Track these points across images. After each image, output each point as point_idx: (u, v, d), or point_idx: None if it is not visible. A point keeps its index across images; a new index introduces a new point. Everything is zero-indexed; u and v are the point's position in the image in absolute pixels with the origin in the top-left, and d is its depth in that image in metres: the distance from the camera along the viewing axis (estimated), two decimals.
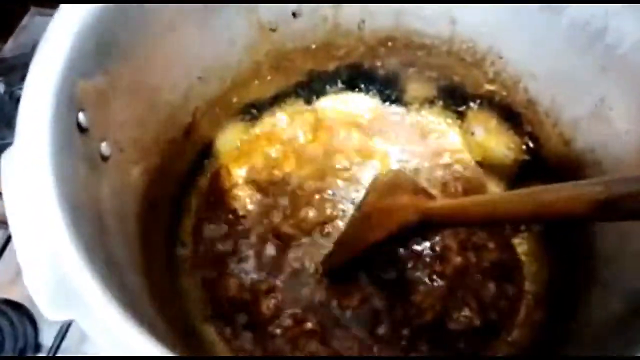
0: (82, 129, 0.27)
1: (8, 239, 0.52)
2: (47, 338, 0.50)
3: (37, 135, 0.24)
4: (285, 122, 0.52)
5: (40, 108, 0.24)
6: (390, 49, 0.47)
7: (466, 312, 0.40)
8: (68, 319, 0.20)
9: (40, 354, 0.49)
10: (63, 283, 0.21)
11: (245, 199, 0.46)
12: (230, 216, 0.46)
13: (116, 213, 0.31)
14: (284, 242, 0.44)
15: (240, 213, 0.46)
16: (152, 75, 0.35)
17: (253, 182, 0.48)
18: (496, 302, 0.41)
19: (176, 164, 0.43)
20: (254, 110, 0.50)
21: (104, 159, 0.30)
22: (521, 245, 0.44)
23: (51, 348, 0.46)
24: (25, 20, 0.61)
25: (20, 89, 0.24)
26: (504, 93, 0.44)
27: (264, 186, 0.47)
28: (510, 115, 0.45)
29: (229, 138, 0.49)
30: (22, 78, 0.24)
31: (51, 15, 0.27)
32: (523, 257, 0.43)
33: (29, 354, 0.49)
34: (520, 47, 0.40)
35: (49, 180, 0.23)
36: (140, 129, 0.35)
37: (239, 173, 0.48)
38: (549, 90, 0.40)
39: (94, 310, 0.20)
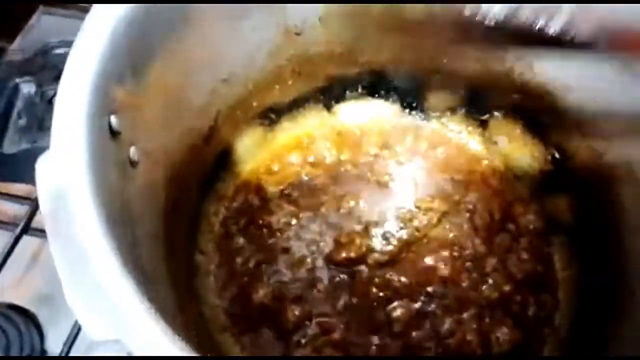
0: (113, 133, 0.26)
1: (14, 242, 0.51)
2: (52, 344, 0.49)
3: (73, 140, 0.22)
4: (305, 128, 0.51)
5: (75, 112, 0.23)
6: (415, 55, 0.46)
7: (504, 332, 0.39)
8: (113, 338, 0.19)
9: None
10: (104, 299, 0.19)
11: (277, 212, 0.46)
12: (263, 229, 0.45)
13: (143, 222, 0.30)
14: (328, 260, 0.44)
15: (274, 227, 0.45)
16: (179, 77, 0.34)
17: (283, 195, 0.47)
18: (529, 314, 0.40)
19: (197, 170, 0.41)
20: (272, 115, 0.49)
21: (133, 164, 0.29)
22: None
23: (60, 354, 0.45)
24: (33, 19, 0.60)
25: (52, 89, 0.23)
26: (532, 103, 0.43)
27: (295, 199, 0.46)
28: (536, 125, 0.45)
29: (248, 143, 0.48)
30: (55, 78, 0.23)
31: (60, 14, 0.26)
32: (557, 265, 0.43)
33: None
34: (551, 59, 0.39)
35: (85, 187, 0.22)
36: (165, 133, 0.34)
37: (266, 184, 0.47)
38: (580, 103, 0.39)
39: (137, 327, 0.19)
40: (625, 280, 0.34)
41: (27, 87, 0.27)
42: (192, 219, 0.42)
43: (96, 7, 0.26)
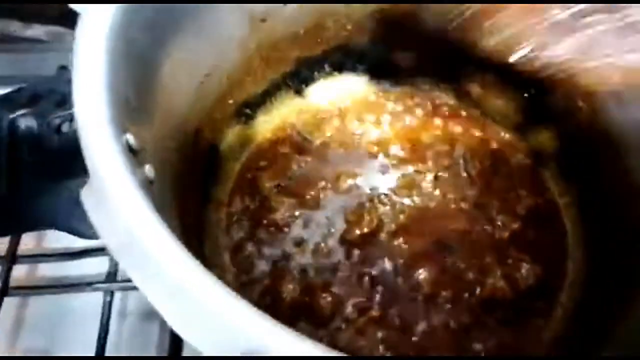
0: (133, 152, 0.24)
1: None
2: None
3: (110, 168, 0.20)
4: (283, 118, 0.49)
5: (100, 139, 0.21)
6: (378, 22, 0.46)
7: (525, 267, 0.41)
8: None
9: None
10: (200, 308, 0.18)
11: (279, 207, 0.44)
12: (270, 228, 0.44)
13: None
14: (343, 242, 0.43)
15: (280, 223, 0.43)
16: (167, 85, 0.32)
17: (279, 188, 0.45)
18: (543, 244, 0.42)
19: (193, 181, 0.39)
20: (247, 110, 0.47)
21: (151, 182, 0.27)
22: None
23: None
24: None
25: (57, 117, 0.20)
26: (503, 48, 0.45)
27: (292, 190, 0.45)
28: (508, 68, 0.46)
29: (231, 143, 0.46)
30: (56, 105, 0.21)
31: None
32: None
33: None
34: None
35: (141, 209, 0.20)
36: (164, 147, 0.32)
37: (260, 182, 0.46)
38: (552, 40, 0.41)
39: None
40: (630, 188, 0.37)
41: (26, 122, 0.24)
42: (199, 234, 0.40)
43: (84, 22, 0.23)
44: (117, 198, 0.19)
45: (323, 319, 0.40)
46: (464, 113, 0.50)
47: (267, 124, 0.49)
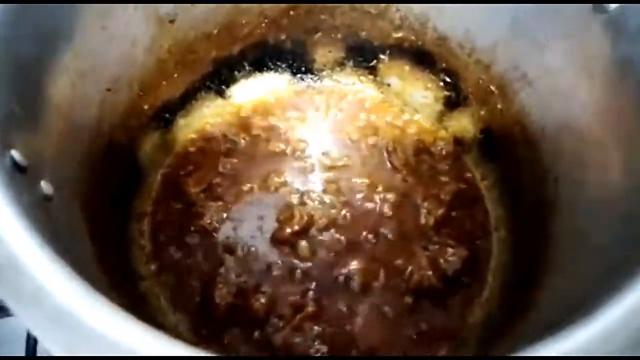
0: (20, 169, 0.22)
1: None
2: None
3: None
4: (204, 120, 0.48)
5: None
6: (293, 18, 0.46)
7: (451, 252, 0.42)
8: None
9: None
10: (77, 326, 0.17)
11: (206, 212, 0.43)
12: (197, 234, 0.43)
13: (77, 256, 0.26)
14: (275, 241, 0.43)
15: (208, 228, 0.43)
16: (65, 96, 0.30)
17: (206, 193, 0.44)
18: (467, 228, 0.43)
19: (108, 193, 0.37)
20: (166, 115, 0.46)
21: (48, 198, 0.25)
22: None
23: None
24: None
25: None
26: (413, 37, 0.46)
27: (219, 193, 0.45)
28: (422, 56, 0.47)
29: (149, 150, 0.44)
30: None
31: None
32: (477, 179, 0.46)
33: None
34: None
35: (12, 224, 0.18)
36: (67, 160, 0.30)
37: (185, 187, 0.45)
38: (459, 22, 0.42)
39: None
40: (544, 169, 0.38)
41: None
42: (121, 246, 0.38)
43: None
44: None
45: (258, 320, 0.39)
46: (386, 105, 0.51)
47: (189, 128, 0.48)
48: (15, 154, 0.22)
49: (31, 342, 0.41)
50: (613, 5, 0.30)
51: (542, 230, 0.38)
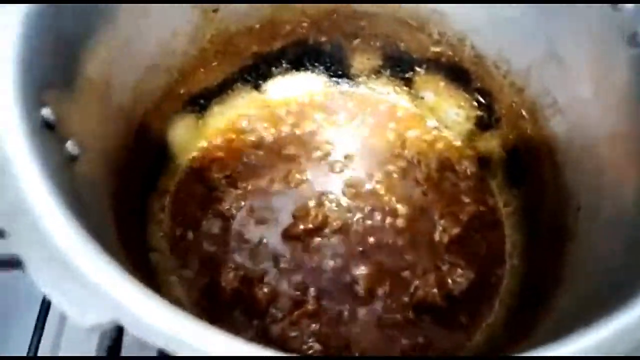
0: (49, 126, 0.24)
1: None
2: None
3: (11, 135, 0.20)
4: (238, 111, 0.50)
5: (6, 108, 0.21)
6: (334, 21, 0.47)
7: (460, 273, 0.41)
8: (107, 320, 0.17)
9: None
10: (86, 284, 0.18)
11: (225, 199, 0.45)
12: (214, 218, 0.44)
13: (93, 219, 0.28)
14: (286, 235, 0.44)
15: (225, 214, 0.44)
16: (103, 73, 0.32)
17: (228, 180, 0.46)
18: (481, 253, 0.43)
19: (136, 165, 0.39)
20: (202, 101, 0.48)
21: (73, 158, 0.27)
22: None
23: None
24: None
25: None
26: (450, 53, 0.46)
27: (240, 182, 0.46)
28: (458, 74, 0.47)
29: (182, 133, 0.46)
30: None
31: None
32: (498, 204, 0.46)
33: None
34: (462, 4, 0.41)
35: (35, 178, 0.20)
36: (98, 128, 0.32)
37: (209, 172, 0.46)
38: (495, 42, 0.42)
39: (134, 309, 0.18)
40: (567, 199, 0.38)
41: None
42: (140, 217, 0.40)
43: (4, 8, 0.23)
44: (13, 165, 0.19)
45: (259, 309, 0.40)
46: (417, 118, 0.51)
47: (222, 116, 0.49)
48: (46, 111, 0.24)
49: (46, 301, 0.44)
50: None
51: (557, 258, 0.37)
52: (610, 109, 0.34)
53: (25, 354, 0.40)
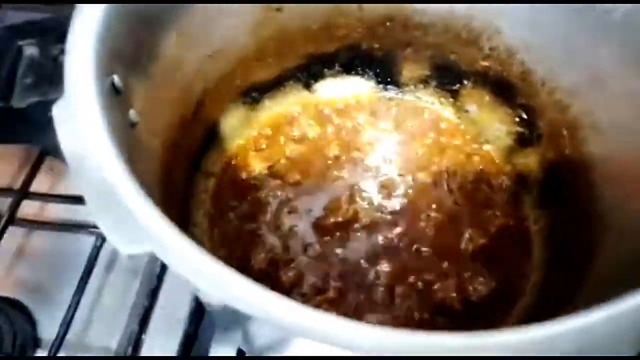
0: (117, 91, 0.28)
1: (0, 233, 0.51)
2: (45, 332, 0.49)
3: (83, 90, 0.24)
4: (287, 107, 0.53)
5: (82, 67, 0.25)
6: (388, 29, 0.49)
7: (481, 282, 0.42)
8: (144, 251, 0.20)
9: (40, 351, 0.48)
10: (131, 219, 0.21)
11: (264, 188, 0.48)
12: (252, 204, 0.47)
13: (143, 182, 0.31)
14: (317, 226, 0.46)
15: (263, 201, 0.47)
16: (171, 50, 0.35)
17: (269, 171, 0.49)
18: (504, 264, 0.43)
19: (186, 144, 0.43)
20: (255, 94, 0.51)
21: (132, 125, 0.30)
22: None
23: (53, 342, 0.45)
24: None
25: (56, 48, 0.24)
26: (499, 67, 0.47)
27: (280, 174, 0.48)
28: (504, 89, 0.48)
29: (232, 122, 0.50)
30: (57, 39, 0.25)
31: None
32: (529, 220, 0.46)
33: (29, 352, 0.48)
34: (517, 20, 0.42)
35: (100, 129, 0.23)
36: (159, 102, 0.36)
37: (253, 161, 0.49)
38: (545, 60, 0.42)
39: (167, 242, 0.21)
40: (598, 219, 0.38)
41: (30, 50, 0.28)
42: (184, 193, 0.44)
43: None
44: (83, 115, 0.23)
45: (283, 290, 0.42)
46: (460, 129, 0.52)
47: (272, 110, 0.53)
48: (115, 78, 0.27)
49: (91, 262, 0.48)
50: None
51: (578, 278, 0.37)
52: None
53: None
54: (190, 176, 0.45)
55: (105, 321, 0.49)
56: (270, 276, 0.43)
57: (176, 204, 0.42)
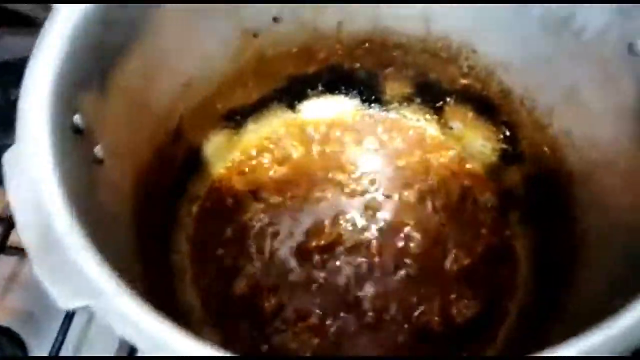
0: (78, 131, 0.28)
1: None
2: None
3: (37, 135, 0.24)
4: (271, 128, 0.53)
5: (38, 110, 0.25)
6: (368, 49, 0.49)
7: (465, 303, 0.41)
8: (83, 305, 0.20)
9: None
10: (74, 272, 0.21)
11: (248, 211, 0.47)
12: (236, 227, 0.47)
13: (113, 219, 0.31)
14: (299, 250, 0.45)
15: (246, 224, 0.47)
16: (140, 80, 0.35)
17: (253, 193, 0.49)
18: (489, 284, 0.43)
19: (166, 170, 0.43)
20: (237, 117, 0.51)
21: (99, 161, 0.30)
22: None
23: None
24: None
25: (16, 92, 0.24)
26: (479, 86, 0.46)
27: (264, 197, 0.48)
28: (486, 107, 0.47)
29: (215, 146, 0.50)
30: (17, 82, 0.25)
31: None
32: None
33: None
34: (493, 40, 0.42)
35: (51, 177, 0.23)
36: (130, 134, 0.36)
37: (236, 184, 0.49)
38: (523, 79, 0.42)
39: (109, 296, 0.21)
40: (579, 235, 0.37)
41: None
42: (164, 220, 0.44)
43: (56, 9, 0.27)
44: (34, 162, 0.23)
45: (264, 318, 0.42)
46: (444, 146, 0.52)
47: (256, 132, 0.53)
48: (77, 118, 0.27)
49: None
50: None
51: (562, 294, 0.36)
52: (628, 152, 0.33)
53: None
54: (172, 202, 0.45)
55: (96, 348, 0.49)
56: (252, 304, 0.43)
57: (156, 231, 0.42)
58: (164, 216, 0.43)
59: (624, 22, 0.32)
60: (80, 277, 0.21)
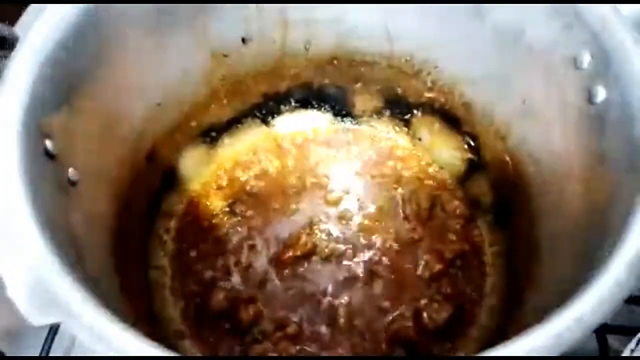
0: (50, 156, 0.29)
1: None
2: None
3: (7, 162, 0.25)
4: (246, 143, 0.54)
5: (7, 136, 0.26)
6: (336, 67, 0.51)
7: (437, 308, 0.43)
8: (53, 322, 0.21)
9: None
10: (44, 291, 0.22)
11: (226, 225, 0.49)
12: (213, 242, 0.48)
13: (88, 239, 0.32)
14: (276, 260, 0.47)
15: (224, 238, 0.48)
16: (111, 102, 0.37)
17: (230, 208, 0.50)
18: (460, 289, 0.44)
19: (142, 189, 0.44)
20: (213, 133, 0.52)
21: (73, 184, 0.31)
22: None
23: None
24: None
25: None
26: (442, 99, 0.48)
27: (241, 211, 0.50)
28: (451, 119, 0.49)
29: (191, 162, 0.51)
30: None
31: None
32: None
33: None
34: (453, 56, 0.44)
35: (23, 203, 0.24)
36: (103, 155, 0.37)
37: (213, 199, 0.51)
38: (482, 92, 0.44)
39: (79, 314, 0.22)
40: (538, 241, 0.39)
41: None
42: (142, 237, 0.45)
43: (27, 35, 0.29)
44: (3, 192, 0.24)
45: (242, 329, 0.43)
46: (415, 157, 0.54)
47: (231, 148, 0.54)
48: (48, 143, 0.29)
49: None
50: (599, 98, 0.31)
51: (524, 301, 0.38)
52: (581, 160, 0.35)
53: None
54: (149, 218, 0.46)
55: None
56: (229, 316, 0.44)
57: (134, 247, 0.43)
58: (142, 233, 0.45)
59: (569, 37, 0.34)
60: (51, 296, 0.22)
